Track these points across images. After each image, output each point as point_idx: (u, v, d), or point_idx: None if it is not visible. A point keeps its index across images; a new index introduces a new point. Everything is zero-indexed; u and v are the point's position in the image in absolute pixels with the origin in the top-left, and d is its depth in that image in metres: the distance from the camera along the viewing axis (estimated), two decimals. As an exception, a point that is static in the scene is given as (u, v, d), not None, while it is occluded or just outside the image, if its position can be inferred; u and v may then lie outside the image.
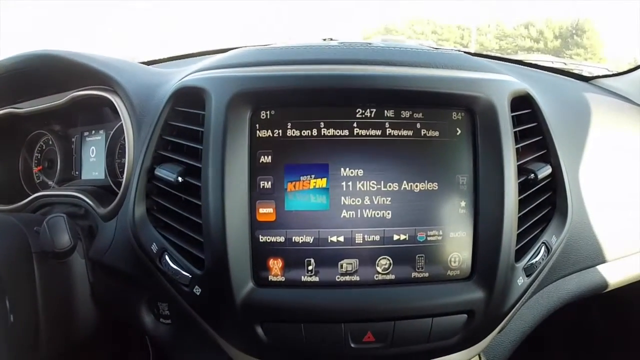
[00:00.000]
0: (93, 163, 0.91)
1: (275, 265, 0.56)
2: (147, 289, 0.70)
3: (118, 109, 0.70)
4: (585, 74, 1.13)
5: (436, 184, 0.58)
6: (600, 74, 1.06)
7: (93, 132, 0.91)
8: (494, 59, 1.02)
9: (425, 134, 0.58)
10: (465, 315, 0.59)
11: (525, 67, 1.04)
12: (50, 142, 0.96)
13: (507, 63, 1.01)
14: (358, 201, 0.57)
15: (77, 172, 0.94)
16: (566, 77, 1.03)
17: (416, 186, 0.57)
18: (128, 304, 0.76)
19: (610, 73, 1.06)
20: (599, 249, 0.74)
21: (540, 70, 1.04)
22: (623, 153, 0.81)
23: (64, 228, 0.65)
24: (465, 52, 0.73)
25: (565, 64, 1.45)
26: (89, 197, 0.74)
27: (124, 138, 0.69)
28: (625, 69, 1.02)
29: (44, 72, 0.79)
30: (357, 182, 0.57)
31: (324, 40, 0.98)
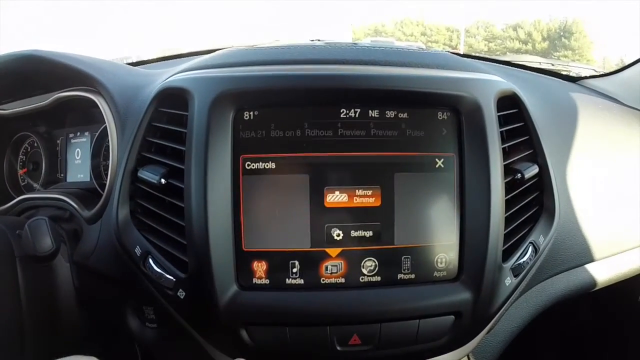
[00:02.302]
0: (78, 165, 0.90)
1: (260, 268, 0.56)
2: (132, 293, 0.69)
3: (102, 110, 0.70)
4: (573, 74, 1.13)
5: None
6: (588, 75, 1.06)
7: (78, 134, 0.90)
8: (481, 59, 1.02)
9: (410, 134, 0.57)
10: (453, 317, 0.58)
11: (513, 68, 1.04)
12: (36, 144, 0.94)
13: (495, 64, 1.01)
14: (343, 202, 0.56)
15: (62, 175, 0.93)
16: (554, 78, 1.03)
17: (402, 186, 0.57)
18: (113, 309, 0.75)
19: (598, 74, 1.07)
20: (587, 248, 0.74)
21: (528, 71, 1.04)
22: (610, 153, 0.81)
23: (46, 231, 0.64)
24: (453, 53, 0.72)
25: (553, 64, 1.46)
26: (73, 200, 0.73)
27: (109, 140, 0.68)
28: (613, 69, 1.03)
29: (28, 73, 0.78)
30: (341, 184, 0.56)
31: (312, 41, 0.98)
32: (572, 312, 1.08)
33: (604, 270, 0.78)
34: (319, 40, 1.00)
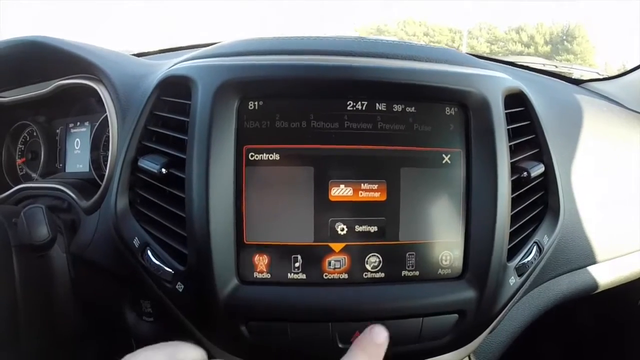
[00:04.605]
0: (77, 155, 0.89)
1: (261, 261, 0.55)
2: (129, 285, 0.68)
3: (103, 98, 0.69)
4: (575, 77, 1.13)
5: None
6: (591, 78, 1.06)
7: (78, 123, 0.90)
8: (485, 59, 1.01)
9: (417, 129, 0.56)
10: (456, 315, 0.58)
11: (517, 68, 1.04)
12: (35, 134, 0.94)
13: (499, 64, 1.00)
14: (348, 196, 0.55)
15: (61, 165, 0.92)
16: (557, 80, 1.03)
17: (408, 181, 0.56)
18: (110, 301, 0.74)
19: (601, 77, 1.07)
20: (591, 249, 0.74)
21: (532, 72, 1.04)
22: (614, 155, 0.81)
23: (42, 220, 0.63)
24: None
25: (556, 66, 1.45)
26: (71, 190, 0.72)
27: (109, 129, 0.67)
28: (615, 74, 1.03)
29: (29, 60, 0.77)
30: (346, 177, 0.55)
31: (316, 36, 0.97)
32: (574, 313, 1.08)
33: (606, 273, 0.77)
34: (322, 36, 0.99)
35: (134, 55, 1.02)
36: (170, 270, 0.56)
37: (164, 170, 0.57)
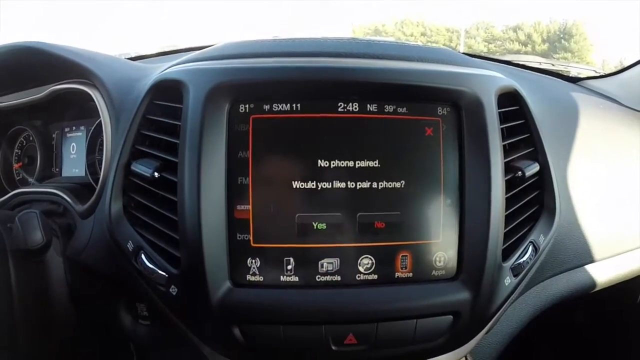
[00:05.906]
0: (73, 160, 0.89)
1: (254, 264, 0.55)
2: (124, 289, 0.68)
3: (96, 102, 0.69)
4: (572, 75, 1.13)
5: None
6: (588, 76, 1.06)
7: (74, 128, 0.90)
8: (482, 58, 1.01)
9: (409, 130, 0.56)
10: (451, 317, 0.57)
11: (513, 67, 1.04)
12: (31, 138, 0.94)
13: (495, 63, 1.00)
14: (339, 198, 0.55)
15: (57, 169, 0.92)
16: (554, 78, 1.02)
17: (400, 184, 0.56)
18: (106, 305, 0.74)
19: (597, 75, 1.06)
20: (587, 248, 0.74)
21: (528, 71, 1.03)
22: (610, 153, 0.81)
23: (36, 225, 0.63)
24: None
25: (553, 65, 1.45)
26: (67, 194, 0.72)
27: (103, 133, 0.67)
28: (612, 71, 1.03)
29: (24, 65, 0.77)
30: (338, 180, 0.55)
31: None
32: (571, 313, 1.07)
33: (604, 271, 0.77)
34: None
35: (132, 58, 1.02)
36: (164, 273, 0.56)
37: (156, 174, 0.57)
